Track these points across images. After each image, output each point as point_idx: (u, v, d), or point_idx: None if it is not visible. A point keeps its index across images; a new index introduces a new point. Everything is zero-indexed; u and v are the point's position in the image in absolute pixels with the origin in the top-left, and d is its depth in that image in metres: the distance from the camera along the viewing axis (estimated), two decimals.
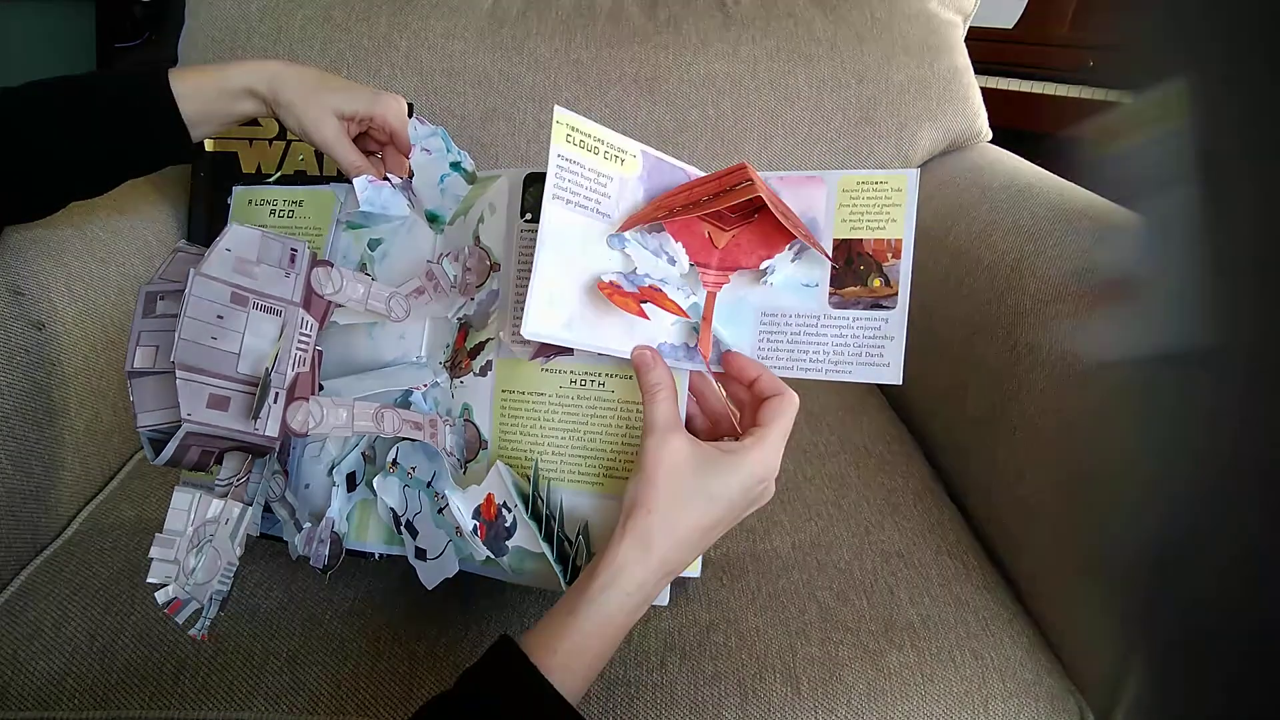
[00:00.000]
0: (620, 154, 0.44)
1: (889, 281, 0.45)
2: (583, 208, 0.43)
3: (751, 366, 0.45)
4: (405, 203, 0.55)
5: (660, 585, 0.41)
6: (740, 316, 0.47)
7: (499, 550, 0.47)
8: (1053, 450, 0.56)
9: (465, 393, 0.50)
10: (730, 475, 0.41)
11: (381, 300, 0.49)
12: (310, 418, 0.44)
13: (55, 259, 0.65)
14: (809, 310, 0.46)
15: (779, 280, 0.46)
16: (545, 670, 0.37)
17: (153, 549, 0.42)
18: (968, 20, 0.99)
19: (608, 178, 0.43)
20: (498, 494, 0.47)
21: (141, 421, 0.42)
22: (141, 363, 0.42)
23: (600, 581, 0.39)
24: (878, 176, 0.45)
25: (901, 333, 0.44)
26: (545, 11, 0.91)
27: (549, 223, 0.42)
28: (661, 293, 0.45)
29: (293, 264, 0.46)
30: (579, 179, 0.43)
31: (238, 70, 0.57)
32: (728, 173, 0.44)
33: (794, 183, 0.46)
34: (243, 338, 0.42)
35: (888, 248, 0.45)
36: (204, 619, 0.43)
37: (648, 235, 0.45)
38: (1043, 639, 0.56)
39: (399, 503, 0.50)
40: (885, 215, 0.45)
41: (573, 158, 0.42)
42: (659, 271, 0.45)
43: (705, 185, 0.45)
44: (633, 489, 0.41)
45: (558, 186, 0.42)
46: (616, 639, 0.40)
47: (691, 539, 0.41)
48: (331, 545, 0.49)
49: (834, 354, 0.45)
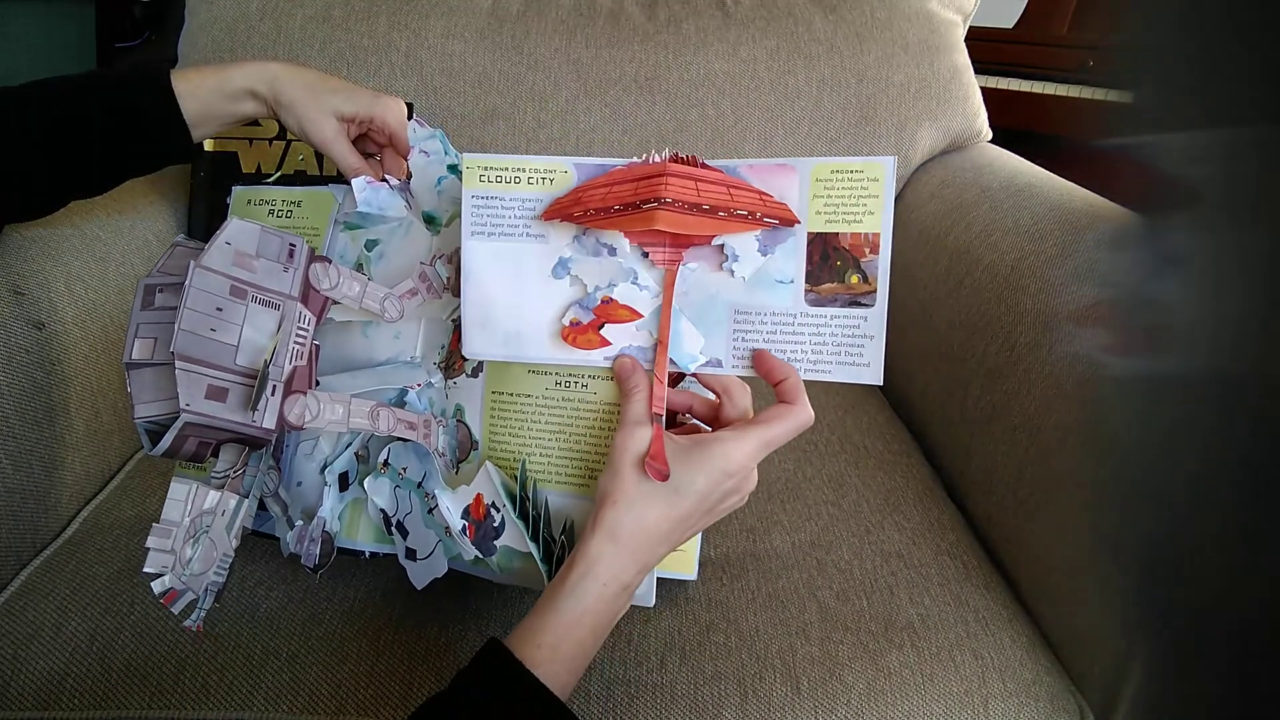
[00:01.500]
0: (548, 174, 0.45)
1: (867, 278, 0.43)
2: (509, 236, 0.46)
3: (780, 368, 0.44)
4: (403, 204, 0.55)
5: (638, 577, 0.42)
6: (712, 316, 0.45)
7: (487, 550, 0.48)
8: (1053, 450, 0.56)
9: (458, 394, 0.51)
10: (695, 468, 0.41)
11: (376, 300, 0.49)
12: (307, 411, 0.44)
13: (55, 259, 0.65)
14: (784, 308, 0.44)
15: (751, 276, 0.44)
16: (530, 664, 0.38)
17: (150, 538, 0.42)
18: (968, 20, 0.99)
19: (536, 200, 0.45)
20: (486, 494, 0.47)
21: (139, 413, 0.42)
22: (140, 354, 0.42)
23: (575, 574, 0.40)
24: (853, 164, 0.43)
25: (881, 331, 0.43)
26: (545, 11, 0.91)
27: (469, 258, 0.46)
28: (613, 304, 0.45)
29: (291, 259, 0.46)
30: (499, 211, 0.46)
31: (238, 71, 0.57)
32: (646, 175, 0.43)
33: (763, 171, 0.44)
34: (241, 330, 0.43)
35: (865, 242, 0.43)
36: (199, 610, 0.44)
37: (583, 238, 0.45)
38: (1043, 639, 0.56)
39: (389, 503, 0.50)
40: (862, 207, 0.43)
41: (490, 194, 0.45)
42: (606, 275, 0.45)
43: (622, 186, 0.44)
44: (602, 482, 0.42)
45: (475, 224, 0.46)
46: (599, 630, 0.41)
47: (661, 530, 0.41)
48: (323, 545, 0.49)
49: (812, 354, 0.44)
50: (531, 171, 0.45)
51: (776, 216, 0.43)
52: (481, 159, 0.45)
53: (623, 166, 0.44)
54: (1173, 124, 0.22)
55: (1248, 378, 0.20)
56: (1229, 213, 0.21)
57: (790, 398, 0.43)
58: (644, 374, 0.45)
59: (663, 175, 0.42)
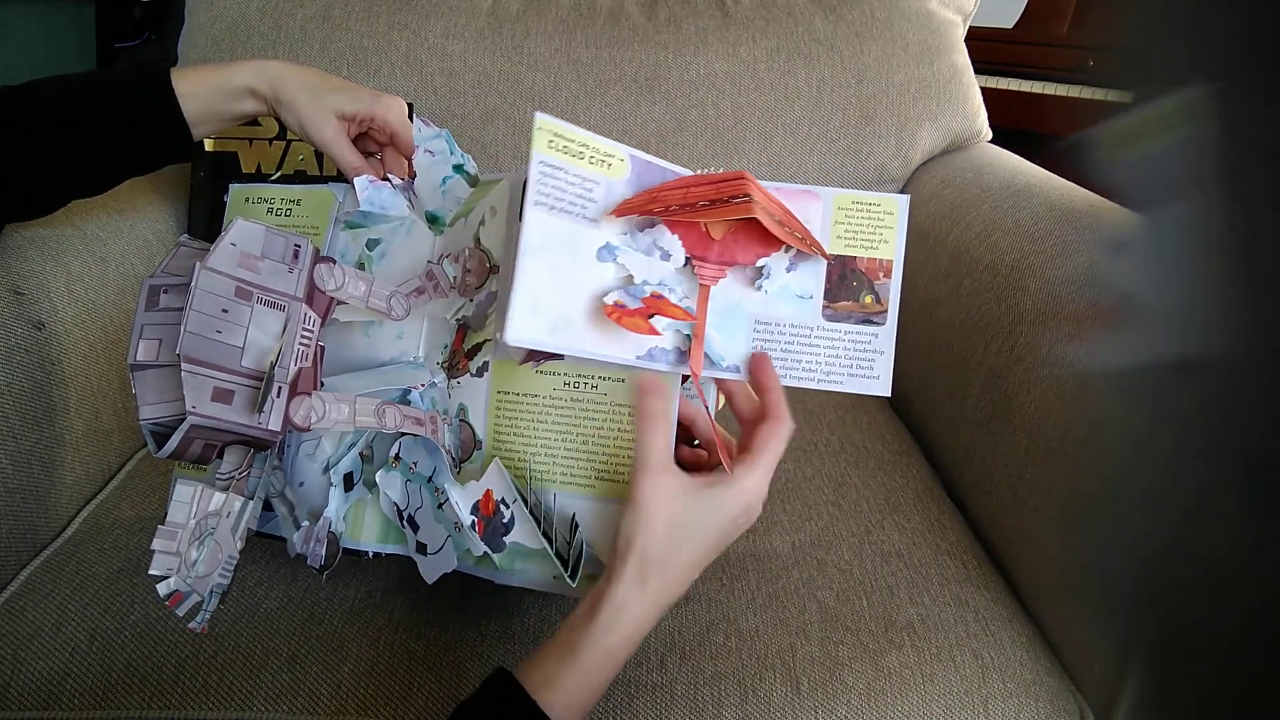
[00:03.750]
0: (607, 158, 0.44)
1: (879, 299, 0.47)
2: (567, 213, 0.43)
3: (770, 377, 0.45)
4: (405, 203, 0.55)
5: (656, 618, 0.42)
6: (735, 324, 0.47)
7: (496, 546, 0.47)
8: (1052, 450, 0.56)
9: (462, 393, 0.50)
10: (721, 509, 0.42)
11: (382, 299, 0.49)
12: (313, 412, 0.44)
13: (55, 259, 0.65)
14: (803, 321, 0.47)
15: (774, 290, 0.47)
16: (547, 706, 0.37)
17: (155, 540, 0.42)
18: (968, 20, 0.99)
19: (594, 182, 0.43)
20: (497, 490, 0.47)
21: (144, 414, 0.42)
22: (144, 356, 0.42)
23: (602, 620, 0.40)
24: (870, 199, 0.47)
25: (890, 348, 0.47)
26: (545, 11, 0.91)
27: (531, 229, 0.41)
28: (665, 300, 0.45)
29: (296, 259, 0.46)
30: (563, 184, 0.42)
31: (239, 69, 0.57)
32: (725, 179, 0.44)
33: (790, 195, 0.47)
34: (247, 332, 0.43)
35: (879, 267, 0.47)
36: (204, 612, 0.44)
37: (637, 235, 0.45)
38: (1043, 639, 0.56)
39: (401, 497, 0.50)
40: (878, 236, 0.47)
41: (556, 163, 0.42)
42: (655, 274, 0.45)
43: (702, 188, 0.44)
44: (627, 527, 0.41)
45: (540, 193, 0.42)
46: (615, 672, 0.41)
47: (685, 573, 0.42)
48: (328, 545, 0.49)
49: (826, 365, 0.47)
50: (594, 151, 0.43)
51: (817, 249, 0.47)
52: (554, 123, 0.42)
53: (692, 174, 0.45)
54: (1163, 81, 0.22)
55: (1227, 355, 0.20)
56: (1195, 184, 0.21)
57: (778, 412, 0.44)
58: (663, 400, 0.43)
59: (743, 179, 0.44)
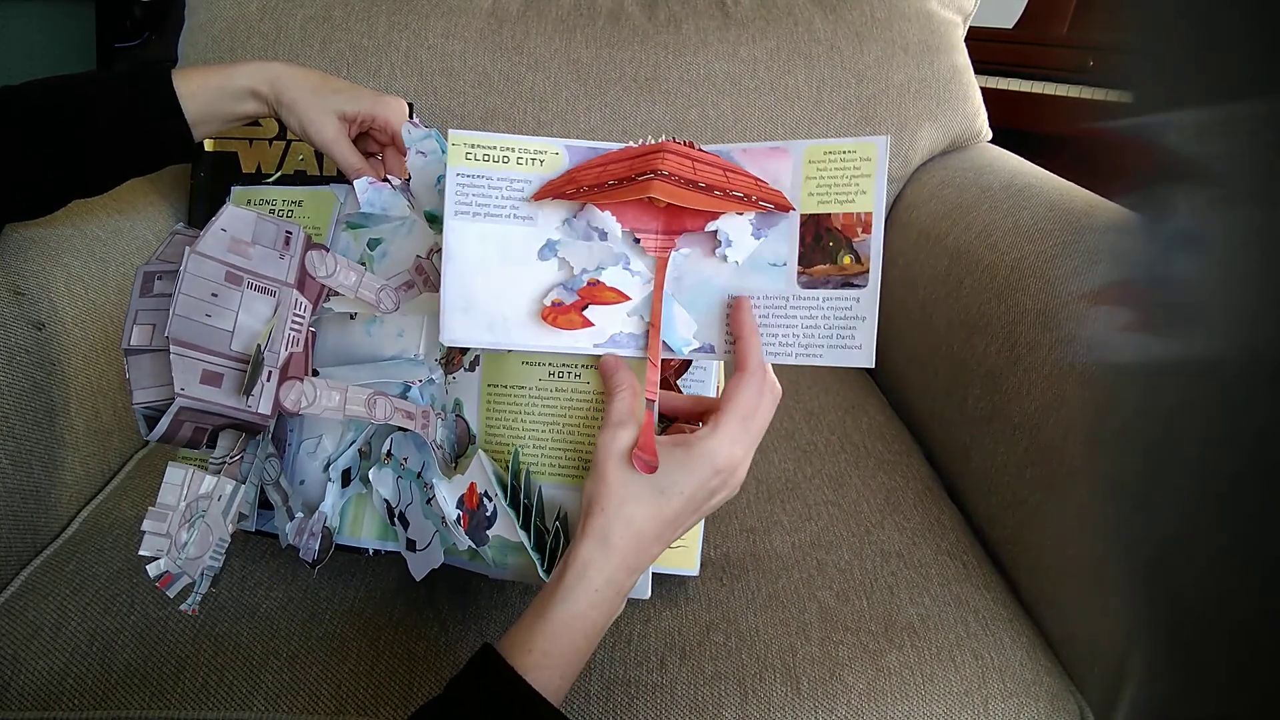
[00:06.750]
0: (538, 155, 0.44)
1: (859, 258, 0.42)
2: (496, 217, 0.44)
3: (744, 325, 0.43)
4: (406, 204, 0.55)
5: (631, 579, 0.42)
6: (705, 301, 0.45)
7: (480, 540, 0.48)
8: (1053, 450, 0.56)
9: (457, 389, 0.51)
10: (683, 470, 0.41)
11: (372, 290, 0.49)
12: (304, 397, 0.44)
13: (55, 259, 0.65)
14: (777, 291, 0.44)
15: (745, 261, 0.44)
16: (522, 669, 0.38)
17: (145, 522, 0.43)
18: (968, 20, 0.99)
19: (525, 182, 0.44)
20: (479, 483, 0.48)
21: (137, 398, 0.42)
22: (138, 340, 0.42)
23: (567, 581, 0.40)
24: (845, 145, 0.42)
25: (873, 312, 0.42)
26: (545, 11, 0.91)
27: (451, 239, 0.44)
28: (599, 285, 0.44)
29: (287, 246, 0.46)
30: (485, 190, 0.44)
31: (240, 70, 0.57)
32: (642, 154, 0.43)
33: (757, 155, 0.44)
34: (237, 316, 0.43)
35: (857, 222, 0.42)
36: (195, 594, 0.44)
37: (574, 221, 0.45)
38: (1043, 639, 0.56)
39: (393, 494, 0.50)
40: (854, 187, 0.42)
41: (476, 172, 0.44)
42: (595, 259, 0.45)
43: (618, 165, 0.43)
44: (589, 486, 0.42)
45: (460, 203, 0.44)
46: (592, 634, 0.41)
47: (651, 531, 0.41)
48: (322, 540, 0.49)
49: (804, 337, 0.44)
50: (521, 151, 0.44)
51: (772, 201, 0.43)
52: (468, 136, 0.44)
53: (618, 149, 0.44)
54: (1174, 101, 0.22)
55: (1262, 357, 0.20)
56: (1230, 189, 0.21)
57: (744, 361, 0.42)
58: (628, 372, 0.44)
59: (659, 152, 0.42)
